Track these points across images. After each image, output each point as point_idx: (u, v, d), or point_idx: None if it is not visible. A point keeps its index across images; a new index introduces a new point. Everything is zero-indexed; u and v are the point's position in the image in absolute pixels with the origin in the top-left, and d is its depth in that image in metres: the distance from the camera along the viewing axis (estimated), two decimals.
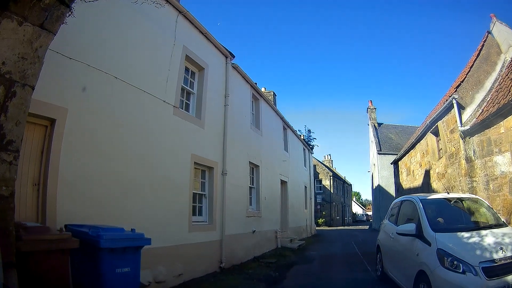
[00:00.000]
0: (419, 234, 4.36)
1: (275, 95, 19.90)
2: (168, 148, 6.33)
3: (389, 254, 5.65)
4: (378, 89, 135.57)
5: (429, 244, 4.05)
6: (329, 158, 46.95)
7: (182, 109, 7.26)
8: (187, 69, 7.67)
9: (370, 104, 32.32)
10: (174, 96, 6.72)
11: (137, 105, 5.72)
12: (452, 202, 5.03)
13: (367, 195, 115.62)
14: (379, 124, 31.16)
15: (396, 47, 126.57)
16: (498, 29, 12.35)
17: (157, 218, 5.82)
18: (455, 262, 3.56)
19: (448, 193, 5.54)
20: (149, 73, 6.09)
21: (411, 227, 4.52)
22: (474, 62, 11.91)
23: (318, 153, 56.49)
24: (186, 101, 7.58)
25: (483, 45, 12.43)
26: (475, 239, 3.89)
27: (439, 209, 4.89)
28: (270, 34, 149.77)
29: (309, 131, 28.33)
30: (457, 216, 4.89)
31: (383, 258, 6.02)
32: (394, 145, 27.71)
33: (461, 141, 10.04)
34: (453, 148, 10.62)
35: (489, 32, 12.81)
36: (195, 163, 7.07)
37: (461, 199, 5.16)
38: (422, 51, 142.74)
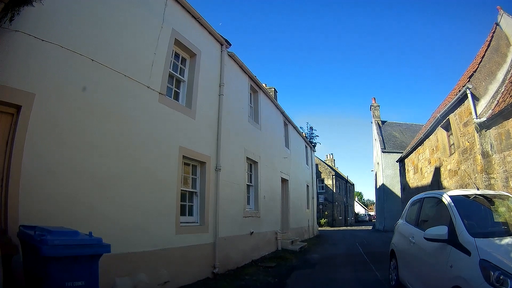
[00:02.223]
0: (452, 239, 3.54)
1: (276, 92, 19.20)
2: (152, 139, 5.60)
3: (408, 262, 4.83)
4: (380, 87, 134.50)
5: (468, 253, 3.22)
6: (331, 157, 46.22)
7: (171, 97, 6.54)
8: (177, 55, 6.97)
9: (373, 102, 31.61)
10: (160, 82, 6.02)
11: (116, 90, 5.06)
12: (484, 200, 4.24)
13: (369, 195, 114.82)
14: (383, 122, 30.46)
15: (399, 43, 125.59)
16: (506, 22, 12.04)
17: (137, 219, 5.11)
18: (502, 277, 2.77)
19: (478, 189, 4.73)
20: (131, 56, 5.42)
21: (441, 230, 3.66)
22: (485, 52, 11.36)
23: (320, 153, 55.86)
24: (176, 89, 6.87)
25: (492, 37, 11.97)
26: None
27: (472, 208, 4.08)
28: (271, 30, 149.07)
29: (311, 128, 27.63)
30: (493, 217, 4.10)
31: (400, 266, 5.22)
32: (399, 143, 27.08)
33: (476, 134, 9.30)
34: (467, 142, 9.86)
35: (497, 24, 12.46)
36: (184, 156, 6.32)
37: (493, 196, 4.37)
38: (424, 48, 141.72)
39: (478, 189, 4.81)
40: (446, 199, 4.17)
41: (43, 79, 4.05)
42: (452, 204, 3.98)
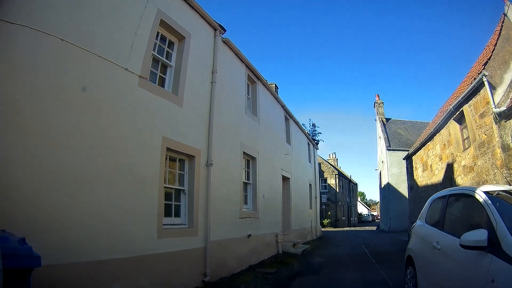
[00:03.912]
0: (493, 247, 2.75)
1: (277, 88, 18.48)
2: (130, 129, 4.85)
3: (432, 272, 3.99)
4: (382, 84, 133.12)
5: None
6: (334, 156, 45.33)
7: (155, 83, 5.80)
8: (163, 38, 6.25)
9: (377, 99, 30.84)
10: (141, 64, 5.28)
11: (87, 72, 4.38)
12: None
13: (371, 195, 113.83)
14: (387, 120, 29.65)
15: (401, 41, 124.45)
16: None
17: (112, 221, 4.36)
18: None
19: (510, 185, 3.94)
20: (107, 36, 4.73)
21: (480, 235, 2.87)
22: (496, 41, 10.71)
23: (323, 152, 54.85)
24: (161, 74, 6.13)
25: (502, 27, 11.42)
26: None
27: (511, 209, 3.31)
28: (271, 27, 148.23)
29: (313, 125, 26.83)
30: None
31: (419, 276, 4.39)
32: (404, 141, 26.33)
33: (494, 126, 8.48)
34: (484, 135, 9.03)
35: (505, 15, 11.96)
36: (168, 149, 5.52)
37: None
38: (426, 46, 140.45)
39: (510, 185, 4.03)
40: (480, 196, 3.38)
41: (6, 64, 3.51)
42: (489, 202, 3.19)
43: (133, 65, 5.10)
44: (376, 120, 30.44)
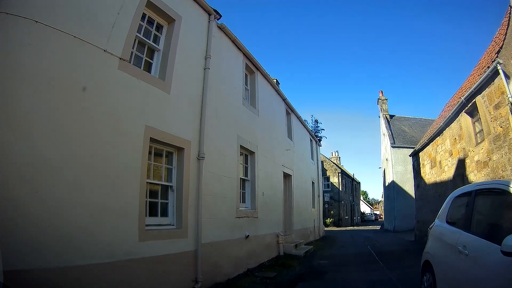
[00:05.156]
0: None
1: (278, 83, 17.86)
2: (106, 115, 4.25)
3: (457, 281, 3.33)
4: (384, 82, 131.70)
5: None
6: (336, 155, 44.67)
7: (141, 67, 5.22)
8: (150, 21, 5.68)
9: (380, 95, 30.15)
10: (123, 46, 4.71)
11: (61, 54, 3.86)
12: None
13: (374, 194, 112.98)
14: (391, 116, 28.93)
15: (403, 39, 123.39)
16: None
17: (83, 220, 3.77)
18: None
19: None
20: (84, 15, 4.21)
21: None
22: (506, 30, 10.08)
23: (325, 150, 54.13)
24: (148, 59, 5.55)
25: (509, 18, 10.75)
26: None
27: None
28: (271, 23, 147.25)
29: (316, 121, 26.21)
30: None
31: (440, 285, 3.75)
32: (408, 138, 25.68)
33: (511, 117, 7.84)
34: (499, 127, 8.37)
35: (511, 7, 11.30)
36: (152, 139, 4.91)
37: None
38: (429, 44, 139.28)
39: None
40: None
41: None
42: None
43: (113, 46, 4.54)
44: (379, 117, 29.78)
